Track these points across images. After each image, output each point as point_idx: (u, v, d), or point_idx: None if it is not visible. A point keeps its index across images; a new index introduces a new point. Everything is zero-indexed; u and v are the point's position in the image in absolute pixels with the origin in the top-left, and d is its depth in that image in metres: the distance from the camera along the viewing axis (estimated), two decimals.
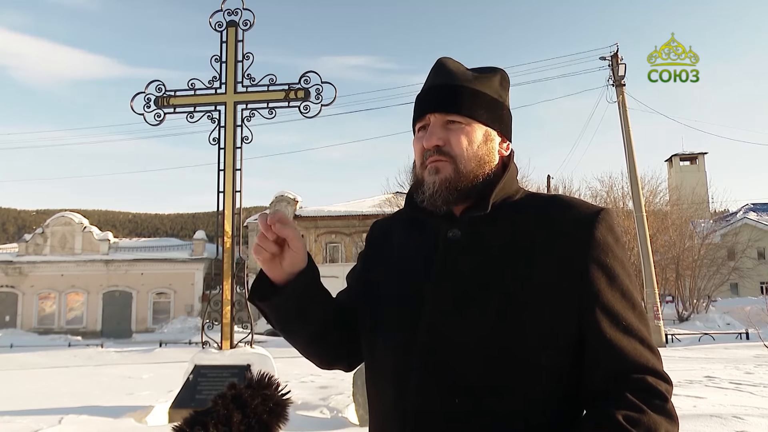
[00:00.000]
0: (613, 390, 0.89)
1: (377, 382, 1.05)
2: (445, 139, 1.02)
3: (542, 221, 0.99)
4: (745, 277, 28.25)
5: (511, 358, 0.91)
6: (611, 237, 0.97)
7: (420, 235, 1.08)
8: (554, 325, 0.92)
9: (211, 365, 5.98)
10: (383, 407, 1.02)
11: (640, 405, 0.85)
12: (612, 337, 0.91)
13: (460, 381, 0.92)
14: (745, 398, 6.15)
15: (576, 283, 0.93)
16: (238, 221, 6.36)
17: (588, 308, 0.92)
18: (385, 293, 1.06)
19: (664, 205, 26.75)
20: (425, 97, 1.07)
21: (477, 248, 0.99)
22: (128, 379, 9.95)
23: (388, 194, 28.09)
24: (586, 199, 12.02)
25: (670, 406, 0.88)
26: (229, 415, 0.81)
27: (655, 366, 0.91)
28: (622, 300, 0.94)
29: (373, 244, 1.19)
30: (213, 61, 6.51)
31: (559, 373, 0.93)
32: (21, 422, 5.52)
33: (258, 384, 0.86)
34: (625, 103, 16.53)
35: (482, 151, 1.03)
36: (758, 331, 12.44)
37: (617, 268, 0.95)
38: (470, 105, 1.03)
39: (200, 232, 32.70)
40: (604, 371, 0.91)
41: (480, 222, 1.01)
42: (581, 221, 0.97)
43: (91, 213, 56.01)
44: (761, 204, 38.10)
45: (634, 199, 16.48)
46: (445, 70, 1.07)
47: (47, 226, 31.84)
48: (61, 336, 27.33)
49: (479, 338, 0.92)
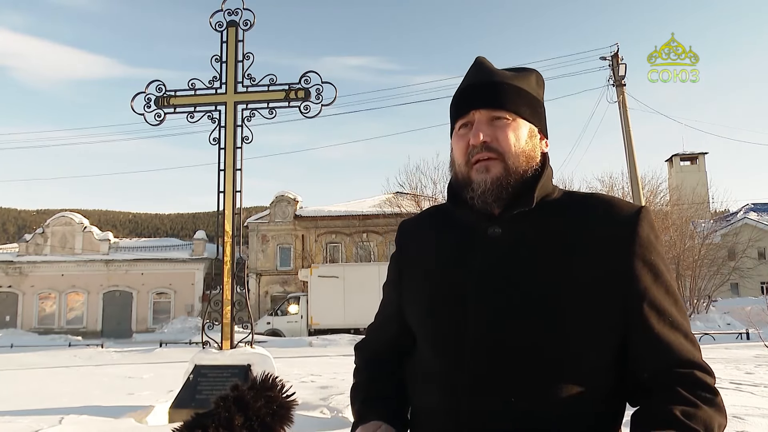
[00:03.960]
0: (665, 385, 0.90)
1: (424, 384, 1.04)
2: (493, 135, 1.01)
3: (583, 219, 0.99)
4: (745, 277, 28.25)
5: (559, 358, 0.92)
6: (653, 234, 0.98)
7: (457, 233, 1.06)
8: (600, 322, 0.93)
9: (212, 365, 5.97)
10: (433, 408, 1.01)
11: (694, 400, 0.86)
12: (660, 332, 0.92)
13: (505, 381, 0.92)
14: (746, 398, 6.15)
15: (621, 280, 0.94)
16: (239, 221, 6.35)
17: (635, 305, 0.93)
18: (424, 294, 1.05)
19: (665, 205, 26.74)
20: (468, 94, 1.06)
21: (519, 246, 0.99)
22: (128, 379, 9.94)
23: (388, 194, 28.10)
24: None
25: (720, 399, 0.89)
26: (230, 417, 0.80)
27: (699, 359, 0.93)
28: (666, 296, 0.95)
29: (404, 246, 1.18)
30: (213, 61, 6.50)
31: (607, 372, 0.94)
32: (21, 422, 5.51)
33: (261, 385, 0.84)
34: (626, 103, 16.52)
35: (528, 147, 1.03)
36: (758, 331, 12.43)
37: (660, 264, 0.96)
38: (515, 101, 1.03)
39: (200, 232, 32.69)
40: (654, 366, 0.92)
41: (521, 220, 1.01)
42: (623, 219, 0.97)
43: (91, 213, 55.99)
44: (761, 204, 38.05)
45: (634, 199, 16.45)
46: (485, 68, 1.07)
47: (47, 226, 31.82)
48: (61, 336, 27.30)
49: (526, 338, 0.93)
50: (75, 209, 34.04)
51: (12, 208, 76.68)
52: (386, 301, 1.20)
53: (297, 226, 30.65)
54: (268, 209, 31.53)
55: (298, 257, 30.35)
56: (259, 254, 31.00)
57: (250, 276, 29.94)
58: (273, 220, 31.11)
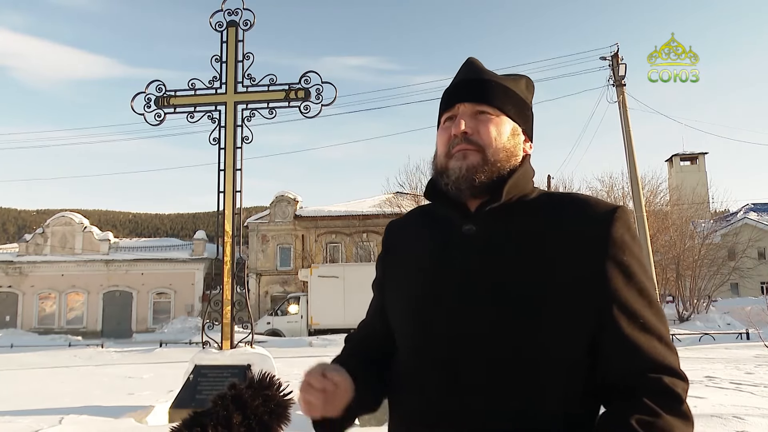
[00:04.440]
0: (630, 390, 0.88)
1: (399, 382, 1.04)
2: (475, 128, 1.02)
3: (558, 219, 0.98)
4: (745, 277, 28.25)
5: (527, 357, 0.91)
6: (628, 235, 0.96)
7: (436, 231, 1.06)
8: (570, 323, 0.92)
9: (212, 365, 5.97)
10: (406, 407, 1.01)
11: (655, 408, 0.84)
12: (630, 334, 0.91)
13: (477, 380, 0.92)
14: (746, 398, 6.15)
15: (593, 281, 0.92)
16: (239, 221, 6.36)
17: (606, 306, 0.92)
18: (403, 293, 1.06)
19: (665, 205, 26.76)
20: (455, 89, 1.07)
21: (492, 244, 0.98)
22: (128, 379, 9.94)
23: (388, 194, 28.08)
24: None
25: (686, 408, 0.87)
26: (228, 416, 0.80)
27: (671, 364, 0.90)
28: (639, 298, 0.93)
29: (390, 246, 1.18)
30: (213, 61, 6.51)
31: (576, 372, 0.92)
32: (21, 422, 5.51)
33: (259, 384, 0.85)
34: (626, 103, 16.51)
35: (510, 144, 1.03)
36: (758, 331, 12.44)
37: (634, 265, 0.94)
38: (500, 98, 1.04)
39: (200, 232, 32.68)
40: (622, 369, 0.90)
41: (495, 217, 1.00)
42: (598, 219, 0.96)
43: (91, 213, 55.96)
44: (761, 204, 38.06)
45: (634, 199, 16.45)
46: (474, 67, 1.09)
47: (47, 226, 31.82)
48: (61, 336, 27.29)
49: (494, 336, 0.92)
50: (75, 209, 34.06)
51: (12, 208, 76.69)
52: (372, 301, 1.21)
53: (297, 226, 30.65)
54: (268, 209, 31.53)
55: (298, 257, 30.35)
56: (259, 254, 31.00)
57: (250, 276, 29.93)
58: (273, 220, 31.11)
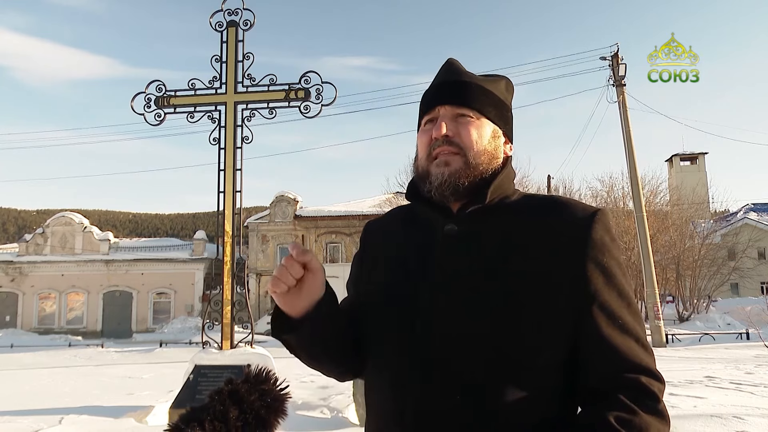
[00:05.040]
0: (607, 389, 0.89)
1: (376, 382, 1.04)
2: (455, 130, 1.02)
3: (539, 221, 0.99)
4: (745, 277, 28.21)
5: (509, 357, 0.91)
6: (608, 237, 0.97)
7: (417, 231, 1.07)
8: (551, 323, 0.92)
9: (212, 365, 5.97)
10: (382, 408, 1.01)
11: (632, 406, 0.86)
12: (608, 335, 0.92)
13: (458, 380, 0.91)
14: (746, 398, 6.15)
15: (573, 282, 0.93)
16: (239, 221, 6.36)
17: (585, 307, 0.93)
18: (383, 293, 1.05)
19: (665, 205, 26.73)
20: (435, 91, 1.08)
21: (474, 244, 0.99)
22: (128, 379, 9.95)
23: (388, 194, 28.07)
24: (587, 199, 11.97)
25: (662, 406, 0.88)
26: (225, 410, 0.80)
27: (648, 365, 0.92)
28: (618, 299, 0.94)
29: (368, 245, 1.18)
30: (213, 61, 6.51)
31: (558, 372, 0.93)
32: (21, 422, 5.52)
33: (255, 379, 0.85)
34: (626, 103, 16.51)
35: (491, 147, 1.04)
36: (758, 331, 12.42)
37: (614, 267, 0.95)
38: (480, 100, 1.04)
39: (200, 232, 32.69)
40: (600, 369, 0.91)
41: (477, 218, 1.01)
42: (578, 221, 0.97)
43: (91, 213, 56.02)
44: (762, 204, 38.05)
45: (634, 199, 16.46)
46: (454, 68, 1.09)
47: (47, 226, 31.83)
48: (61, 336, 27.35)
49: (476, 337, 0.92)
50: (75, 209, 34.07)
51: (12, 208, 76.77)
52: (344, 301, 1.19)
53: (297, 226, 30.66)
54: (268, 209, 31.54)
55: None
56: (259, 254, 31.01)
57: (250, 276, 29.94)
58: (273, 220, 31.12)
